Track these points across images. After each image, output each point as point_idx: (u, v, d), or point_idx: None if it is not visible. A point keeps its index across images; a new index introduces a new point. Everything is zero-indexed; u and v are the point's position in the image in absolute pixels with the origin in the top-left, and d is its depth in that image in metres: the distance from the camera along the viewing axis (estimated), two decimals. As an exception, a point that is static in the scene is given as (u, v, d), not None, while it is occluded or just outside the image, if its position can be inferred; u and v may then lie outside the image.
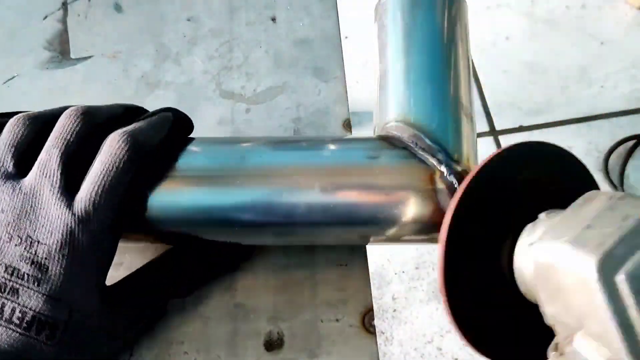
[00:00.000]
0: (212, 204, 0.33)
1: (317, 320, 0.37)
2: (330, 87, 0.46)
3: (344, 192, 0.32)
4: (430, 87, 0.34)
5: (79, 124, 0.32)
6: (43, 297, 0.28)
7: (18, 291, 0.28)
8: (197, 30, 0.50)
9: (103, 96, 0.48)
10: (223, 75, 0.48)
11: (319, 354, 0.36)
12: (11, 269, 0.28)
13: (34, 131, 0.32)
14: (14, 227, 0.29)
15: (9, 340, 0.27)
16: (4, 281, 0.28)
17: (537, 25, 1.44)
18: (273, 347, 0.37)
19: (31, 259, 0.28)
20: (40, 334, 0.28)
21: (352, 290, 0.38)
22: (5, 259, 0.28)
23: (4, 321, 0.27)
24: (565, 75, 1.36)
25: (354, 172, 0.32)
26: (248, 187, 0.32)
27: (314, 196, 0.32)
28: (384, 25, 0.37)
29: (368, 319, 0.37)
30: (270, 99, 0.46)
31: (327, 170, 0.33)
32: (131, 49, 0.50)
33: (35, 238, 0.29)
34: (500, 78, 1.34)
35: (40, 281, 0.28)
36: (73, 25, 0.52)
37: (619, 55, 1.39)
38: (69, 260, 0.29)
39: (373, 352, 0.36)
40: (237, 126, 0.45)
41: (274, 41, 0.49)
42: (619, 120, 1.31)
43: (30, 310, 0.27)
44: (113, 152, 0.31)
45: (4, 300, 0.27)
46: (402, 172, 0.32)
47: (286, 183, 0.32)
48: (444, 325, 1.10)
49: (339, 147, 0.34)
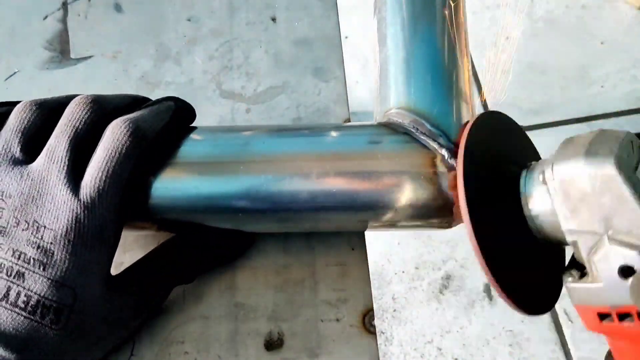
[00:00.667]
0: (215, 191, 0.33)
1: (317, 320, 0.37)
2: (330, 87, 0.46)
3: (345, 178, 0.32)
4: (431, 75, 0.34)
5: (87, 111, 0.32)
6: (48, 281, 0.28)
7: (24, 275, 0.28)
8: (197, 30, 0.51)
9: (103, 96, 0.48)
10: (223, 75, 0.48)
11: (319, 354, 0.36)
12: (18, 253, 0.28)
13: (41, 118, 0.32)
14: (21, 212, 0.29)
15: (13, 323, 0.27)
16: (11, 265, 0.28)
17: (537, 25, 1.44)
18: (273, 346, 0.37)
19: (37, 243, 0.28)
20: (44, 318, 0.28)
21: (353, 289, 0.38)
22: (13, 243, 0.28)
23: (9, 304, 0.27)
24: (565, 75, 1.36)
25: (355, 158, 0.32)
26: (250, 174, 0.33)
27: (316, 182, 0.32)
28: (383, 18, 0.37)
29: (368, 319, 0.37)
30: (271, 98, 0.46)
31: (329, 156, 0.33)
32: (131, 49, 0.50)
33: (42, 223, 0.29)
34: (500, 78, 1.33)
35: (45, 266, 0.28)
36: (73, 25, 0.52)
37: (619, 55, 1.39)
38: (74, 245, 0.29)
39: (373, 352, 0.36)
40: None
41: (274, 41, 0.49)
42: (618, 120, 1.31)
43: (35, 294, 0.28)
44: (115, 138, 0.31)
45: (9, 283, 0.28)
46: (403, 156, 0.32)
47: (288, 169, 0.33)
48: (444, 325, 1.10)
49: (341, 134, 0.34)
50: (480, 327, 1.15)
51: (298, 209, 0.33)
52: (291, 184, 0.32)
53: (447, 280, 1.13)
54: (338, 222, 0.35)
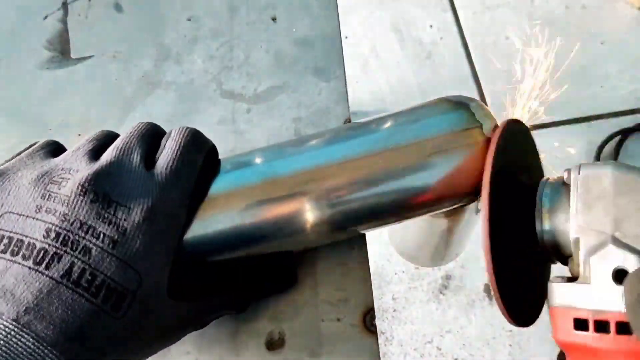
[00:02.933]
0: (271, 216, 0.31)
1: (318, 320, 0.37)
2: (331, 87, 0.46)
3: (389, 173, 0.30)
4: None
5: (148, 124, 0.32)
6: (117, 260, 0.26)
7: (91, 251, 0.25)
8: (198, 30, 0.51)
9: (103, 96, 0.48)
10: (224, 75, 0.48)
11: (320, 354, 0.36)
12: (86, 226, 0.26)
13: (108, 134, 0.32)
14: (90, 182, 0.27)
15: (73, 305, 0.24)
16: (77, 239, 0.25)
17: (537, 26, 1.44)
18: (274, 346, 0.37)
19: (109, 219, 0.26)
20: (106, 303, 0.25)
21: (353, 289, 0.38)
22: (80, 214, 0.26)
23: (72, 283, 0.25)
24: (565, 75, 1.36)
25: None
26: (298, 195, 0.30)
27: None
28: None
29: (369, 319, 0.37)
30: (271, 98, 0.46)
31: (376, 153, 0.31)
32: (131, 48, 0.50)
33: (115, 198, 0.27)
34: (501, 77, 1.34)
35: (116, 244, 0.26)
36: (73, 25, 0.52)
37: (619, 55, 1.39)
38: (148, 225, 0.27)
39: (374, 352, 0.36)
40: (238, 126, 0.45)
41: (275, 41, 0.49)
42: (618, 121, 1.31)
43: (101, 273, 0.25)
44: (182, 134, 0.31)
45: (74, 258, 0.25)
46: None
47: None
48: (443, 325, 1.10)
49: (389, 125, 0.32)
50: (480, 327, 1.15)
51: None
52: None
53: (447, 280, 1.13)
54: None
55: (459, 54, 1.41)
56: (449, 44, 1.43)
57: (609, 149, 1.26)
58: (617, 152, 1.27)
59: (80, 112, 0.47)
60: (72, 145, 0.31)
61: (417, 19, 1.49)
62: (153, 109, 0.46)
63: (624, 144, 1.27)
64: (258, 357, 0.36)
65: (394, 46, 1.46)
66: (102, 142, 0.31)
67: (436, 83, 1.39)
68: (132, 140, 0.30)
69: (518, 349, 1.06)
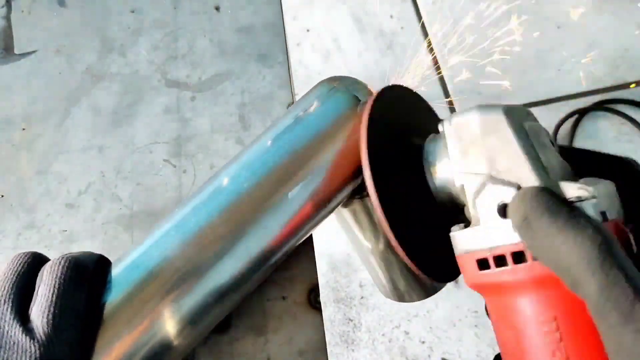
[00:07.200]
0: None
1: (264, 300, 0.38)
2: (274, 73, 0.47)
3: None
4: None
5: (27, 257, 0.27)
6: None
7: None
8: (142, 21, 0.51)
9: (48, 90, 0.48)
10: (168, 65, 0.48)
11: (266, 332, 0.37)
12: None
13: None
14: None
15: None
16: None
17: (496, 11, 1.46)
18: (221, 328, 0.37)
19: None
20: None
21: (298, 268, 0.39)
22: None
23: None
24: (524, 59, 1.38)
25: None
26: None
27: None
28: None
29: (314, 296, 0.38)
30: (215, 86, 0.47)
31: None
32: (75, 42, 0.50)
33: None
34: (460, 63, 1.35)
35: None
36: (17, 21, 0.52)
37: (575, 39, 1.42)
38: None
39: (318, 328, 0.37)
40: (183, 114, 0.45)
41: (218, 30, 0.50)
42: (576, 103, 1.33)
43: None
44: (54, 274, 0.24)
45: None
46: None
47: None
48: (410, 309, 1.11)
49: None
50: (446, 310, 1.16)
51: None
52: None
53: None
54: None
55: (419, 43, 1.42)
56: (409, 33, 1.44)
57: (566, 129, 1.29)
58: (573, 131, 1.30)
59: (24, 107, 0.47)
60: (17, 141, 0.31)
61: (378, 10, 1.50)
62: (98, 100, 0.46)
63: (580, 123, 1.30)
64: (204, 339, 0.37)
65: (356, 37, 1.47)
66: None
67: (398, 72, 1.40)
68: (3, 293, 0.26)
69: (483, 329, 1.07)
